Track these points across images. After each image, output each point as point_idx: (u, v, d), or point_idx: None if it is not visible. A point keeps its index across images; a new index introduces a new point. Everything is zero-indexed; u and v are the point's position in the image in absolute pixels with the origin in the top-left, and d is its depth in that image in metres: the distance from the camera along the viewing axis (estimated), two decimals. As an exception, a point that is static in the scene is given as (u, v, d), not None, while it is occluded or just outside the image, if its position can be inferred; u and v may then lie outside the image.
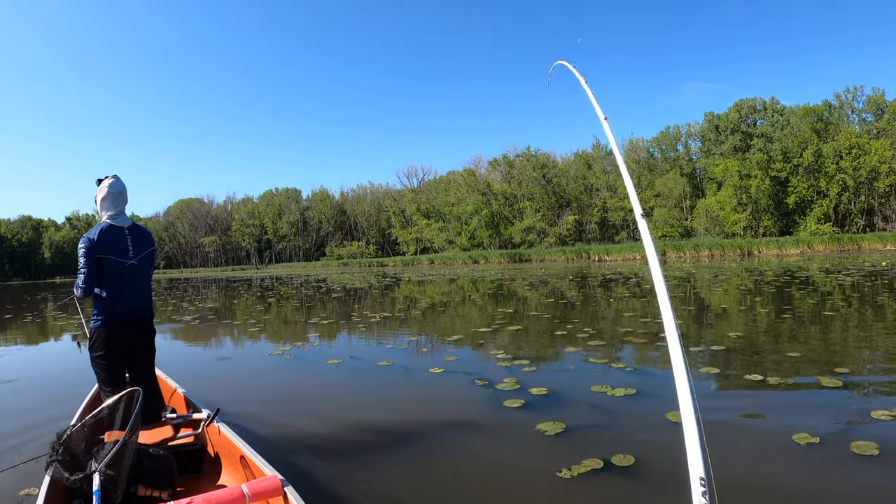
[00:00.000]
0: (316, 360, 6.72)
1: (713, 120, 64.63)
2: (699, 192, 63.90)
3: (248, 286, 29.17)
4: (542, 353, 6.47)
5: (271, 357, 7.11)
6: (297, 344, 7.94)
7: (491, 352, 6.54)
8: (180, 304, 17.77)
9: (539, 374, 5.35)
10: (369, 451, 3.50)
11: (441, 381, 5.29)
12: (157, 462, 2.54)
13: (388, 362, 6.22)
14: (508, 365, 5.71)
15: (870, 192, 52.43)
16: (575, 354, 6.27)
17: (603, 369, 5.51)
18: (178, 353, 8.04)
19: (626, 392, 4.57)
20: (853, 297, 10.98)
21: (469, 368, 5.71)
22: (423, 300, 15.21)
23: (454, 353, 6.64)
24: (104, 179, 3.36)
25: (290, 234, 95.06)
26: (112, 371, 3.23)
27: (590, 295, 14.26)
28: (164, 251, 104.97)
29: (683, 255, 43.49)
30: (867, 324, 7.74)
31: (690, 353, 6.07)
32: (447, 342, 7.47)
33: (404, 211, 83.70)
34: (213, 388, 5.28)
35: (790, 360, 5.49)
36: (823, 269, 19.86)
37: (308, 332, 9.42)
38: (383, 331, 8.96)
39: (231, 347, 8.59)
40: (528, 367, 5.62)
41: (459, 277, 27.58)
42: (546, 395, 4.56)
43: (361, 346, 7.67)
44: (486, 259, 55.37)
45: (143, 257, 3.40)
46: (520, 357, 6.12)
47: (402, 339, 8.01)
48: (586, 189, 70.34)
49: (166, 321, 12.95)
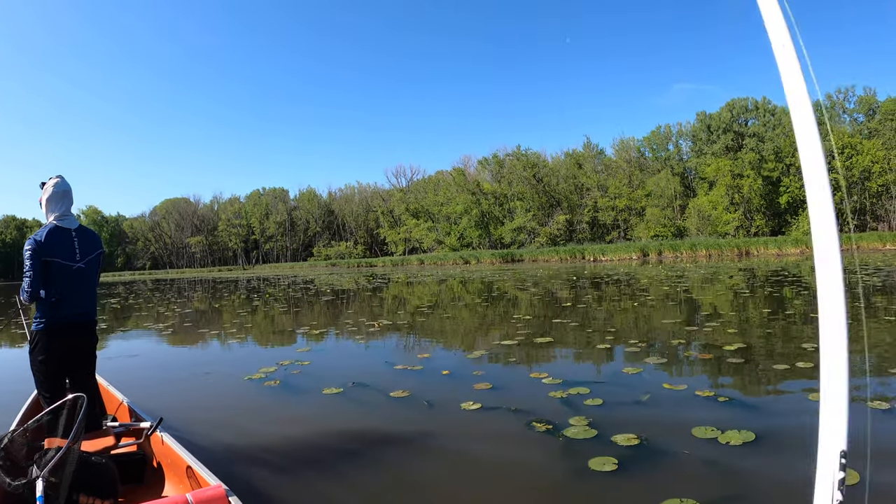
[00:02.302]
0: (307, 389, 5.24)
1: (705, 119, 64.28)
2: (690, 191, 63.54)
3: (233, 288, 27.69)
4: (597, 376, 5.24)
5: (250, 384, 5.51)
6: (284, 363, 6.39)
7: (531, 374, 5.26)
8: (157, 308, 16.33)
9: (610, 408, 4.12)
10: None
11: (484, 425, 3.93)
12: (99, 471, 2.50)
13: (404, 392, 4.83)
14: (563, 395, 4.47)
15: (862, 192, 52.26)
16: (638, 377, 5.08)
17: (687, 399, 4.33)
18: (131, 374, 6.32)
19: (742, 438, 3.39)
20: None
21: (513, 401, 4.41)
22: (422, 304, 13.95)
23: (484, 376, 5.32)
24: (49, 180, 3.29)
25: (277, 235, 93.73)
26: (52, 376, 3.18)
27: (607, 298, 13.12)
28: (150, 252, 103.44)
29: (680, 255, 42.75)
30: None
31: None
32: (470, 360, 6.17)
33: (393, 211, 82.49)
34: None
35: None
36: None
37: (296, 345, 8.02)
38: (386, 344, 7.67)
39: (201, 366, 6.86)
40: (589, 397, 4.40)
41: (454, 278, 26.34)
42: (639, 445, 3.35)
43: (364, 367, 6.16)
44: (478, 259, 54.22)
45: (90, 260, 3.32)
46: (572, 382, 4.88)
47: (412, 356, 6.61)
48: (577, 189, 69.68)
49: (134, 328, 11.55)
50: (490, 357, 6.27)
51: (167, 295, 24.40)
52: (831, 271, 1.22)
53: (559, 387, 4.74)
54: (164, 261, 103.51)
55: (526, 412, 4.08)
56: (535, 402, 4.33)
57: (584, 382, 4.85)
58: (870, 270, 17.76)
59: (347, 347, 7.80)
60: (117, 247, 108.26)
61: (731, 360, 5.78)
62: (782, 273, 18.97)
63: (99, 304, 18.77)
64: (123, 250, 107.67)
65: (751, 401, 4.34)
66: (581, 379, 5.00)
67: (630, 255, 44.44)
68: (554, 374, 5.19)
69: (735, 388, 4.72)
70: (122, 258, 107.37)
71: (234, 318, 12.24)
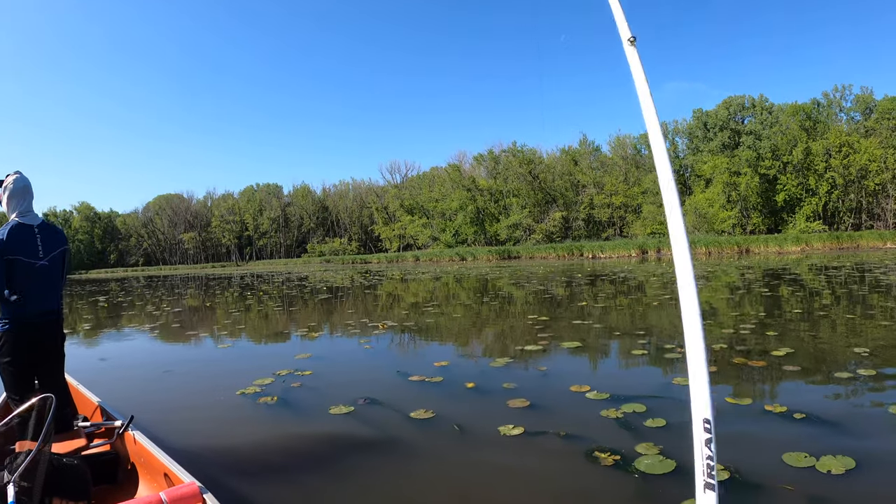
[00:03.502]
0: (311, 408, 4.45)
1: (702, 117, 64.00)
2: (686, 189, 63.28)
3: (226, 284, 26.94)
4: (646, 388, 4.61)
5: (242, 401, 4.67)
6: (280, 373, 5.57)
7: (571, 388, 4.61)
8: (146, 307, 15.59)
9: (677, 430, 3.51)
10: None
11: (535, 457, 3.26)
12: (72, 472, 2.44)
13: (426, 413, 4.07)
14: (618, 415, 3.87)
15: (859, 190, 52.13)
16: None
17: (757, 416, 3.78)
18: (110, 385, 5.72)
19: (843, 465, 2.85)
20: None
21: (561, 423, 3.78)
22: (425, 303, 13.32)
23: (517, 390, 4.60)
24: (7, 177, 3.23)
25: (271, 231, 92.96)
26: (21, 377, 3.12)
27: (620, 297, 12.55)
28: (143, 248, 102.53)
29: (679, 253, 42.26)
30: None
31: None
32: (495, 369, 5.48)
33: (387, 207, 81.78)
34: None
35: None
36: (860, 267, 18.54)
37: (294, 350, 7.18)
38: (395, 349, 7.00)
39: (185, 376, 6.06)
40: (647, 416, 3.81)
41: (452, 276, 25.72)
42: (730, 480, 2.76)
43: (374, 378, 5.39)
44: (474, 256, 53.60)
45: (54, 257, 3.25)
46: (621, 397, 4.28)
47: (427, 364, 5.78)
48: (573, 185, 69.30)
49: (114, 328, 10.83)
50: (517, 365, 5.60)
51: (158, 292, 23.62)
52: (686, 272, 1.48)
53: (608, 403, 4.14)
54: (157, 257, 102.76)
55: (580, 438, 3.46)
56: (587, 425, 3.73)
57: (636, 397, 4.24)
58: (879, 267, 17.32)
59: (352, 353, 7.00)
60: (110, 243, 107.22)
61: (786, 367, 5.23)
62: (793, 271, 18.51)
63: (86, 302, 17.95)
64: (116, 247, 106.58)
65: (829, 417, 3.78)
66: (630, 393, 4.39)
67: (629, 253, 43.98)
68: (597, 386, 4.58)
69: (805, 401, 4.14)
70: (115, 255, 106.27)
71: (225, 318, 11.56)
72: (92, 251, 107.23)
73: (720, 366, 5.32)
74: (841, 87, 57.75)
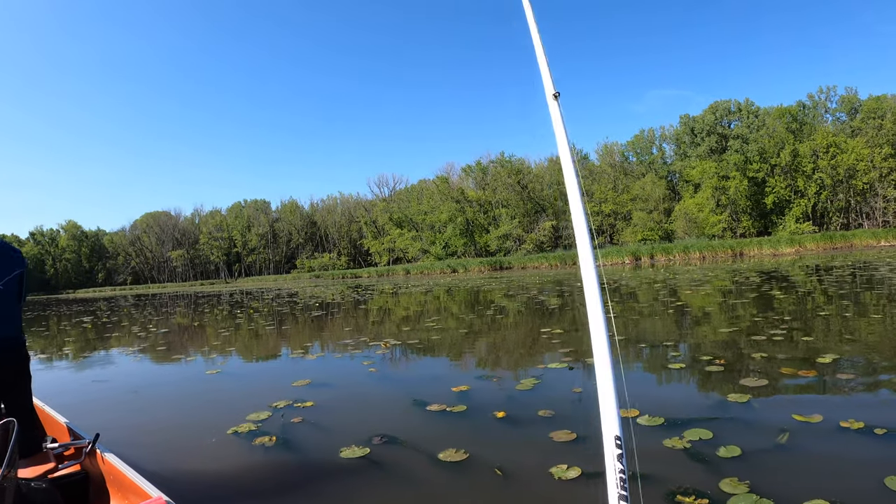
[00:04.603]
0: (317, 450, 3.72)
1: (688, 122, 64.33)
2: (675, 195, 63.40)
3: (216, 302, 26.06)
4: (702, 409, 4.03)
5: (236, 443, 3.95)
6: (278, 405, 4.79)
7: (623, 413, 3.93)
8: (131, 328, 14.78)
9: (756, 459, 2.94)
10: None
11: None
12: (41, 497, 2.34)
13: (458, 453, 3.34)
14: (683, 445, 3.27)
15: (847, 190, 52.40)
16: (752, 407, 3.94)
17: (834, 434, 3.26)
18: (74, 419, 5.16)
19: None
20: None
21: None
22: (425, 318, 12.69)
23: (555, 418, 3.92)
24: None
25: (259, 247, 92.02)
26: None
27: (627, 305, 11.99)
28: (131, 266, 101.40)
29: (673, 258, 42.05)
30: None
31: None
32: (522, 393, 4.76)
33: (376, 221, 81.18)
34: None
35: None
36: (859, 266, 18.19)
37: (291, 375, 6.27)
38: (403, 371, 6.33)
39: (169, 410, 5.19)
40: (716, 443, 3.23)
41: (447, 288, 25.08)
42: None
43: (386, 409, 4.65)
44: (466, 268, 53.01)
45: (9, 281, 3.00)
46: (678, 422, 3.68)
47: (444, 389, 5.00)
48: (562, 195, 69.15)
49: (94, 351, 10.04)
50: (547, 387, 4.91)
51: (145, 311, 22.74)
52: (593, 293, 1.56)
53: (667, 430, 3.54)
54: (145, 275, 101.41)
55: (652, 478, 2.85)
56: (654, 459, 3.12)
57: (694, 421, 3.66)
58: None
59: (355, 378, 6.14)
60: (98, 262, 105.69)
61: (840, 375, 4.71)
62: (797, 272, 18.13)
63: (70, 323, 17.07)
64: (104, 265, 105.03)
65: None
66: (684, 415, 3.81)
67: (622, 260, 43.63)
68: (645, 409, 3.98)
69: (879, 414, 3.62)
70: (103, 273, 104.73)
71: (214, 339, 10.83)
72: (80, 270, 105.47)
73: (770, 378, 4.76)
74: (826, 89, 58.39)
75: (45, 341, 13.26)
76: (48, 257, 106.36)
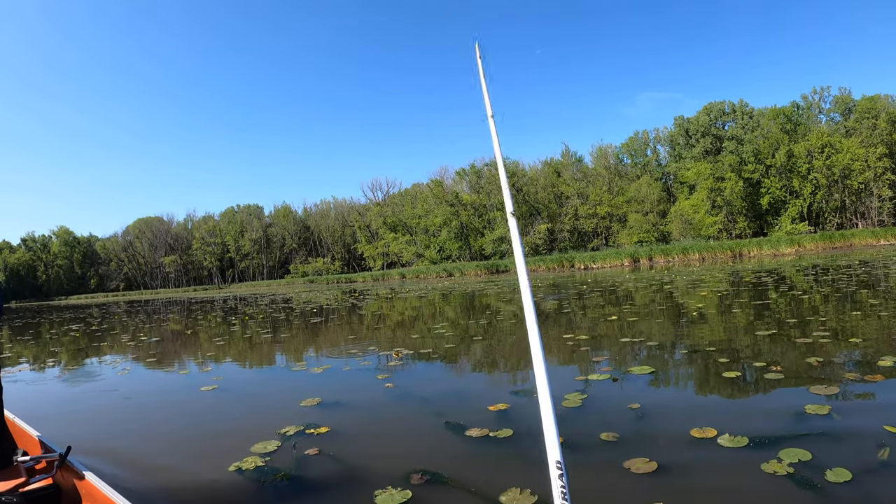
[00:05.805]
0: (343, 494, 2.96)
1: (683, 124, 64.30)
2: (670, 197, 63.27)
3: (209, 308, 25.28)
4: (779, 423, 3.46)
5: (240, 481, 3.22)
6: (287, 431, 4.03)
7: (692, 433, 3.36)
8: (120, 337, 14.05)
9: (871, 482, 2.50)
10: None
11: None
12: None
13: (523, 495, 2.68)
14: (786, 470, 2.73)
15: (843, 190, 52.40)
16: (834, 420, 3.40)
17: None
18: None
19: None
20: None
21: (718, 490, 2.66)
22: (432, 324, 12.07)
23: (620, 441, 3.33)
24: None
25: (252, 252, 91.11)
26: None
27: (643, 306, 11.43)
28: (124, 272, 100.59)
29: (672, 260, 41.68)
30: None
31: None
32: (570, 411, 4.05)
33: (370, 225, 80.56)
34: None
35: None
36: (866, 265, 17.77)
37: (299, 394, 5.27)
38: (425, 387, 5.63)
39: (157, 440, 4.26)
40: (819, 466, 2.69)
41: (446, 291, 24.47)
42: None
43: (417, 435, 3.93)
44: (462, 271, 52.40)
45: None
46: (762, 441, 3.13)
47: (479, 409, 4.25)
48: (556, 197, 68.86)
49: (78, 364, 9.32)
50: (597, 405, 4.24)
51: (137, 318, 21.93)
52: (531, 319, 1.70)
53: (756, 452, 2.97)
54: (138, 281, 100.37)
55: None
56: (758, 491, 2.56)
57: (782, 439, 3.12)
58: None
59: (371, 394, 5.29)
60: (90, 268, 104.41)
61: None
62: (801, 272, 17.70)
63: (58, 331, 16.30)
64: (96, 272, 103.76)
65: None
66: (768, 433, 3.26)
67: (621, 262, 43.22)
68: (722, 427, 3.40)
69: None
70: (95, 280, 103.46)
71: (208, 350, 10.14)
72: (72, 277, 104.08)
73: (839, 385, 4.20)
74: (819, 89, 58.55)
75: (30, 351, 12.53)
76: (40, 263, 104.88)
